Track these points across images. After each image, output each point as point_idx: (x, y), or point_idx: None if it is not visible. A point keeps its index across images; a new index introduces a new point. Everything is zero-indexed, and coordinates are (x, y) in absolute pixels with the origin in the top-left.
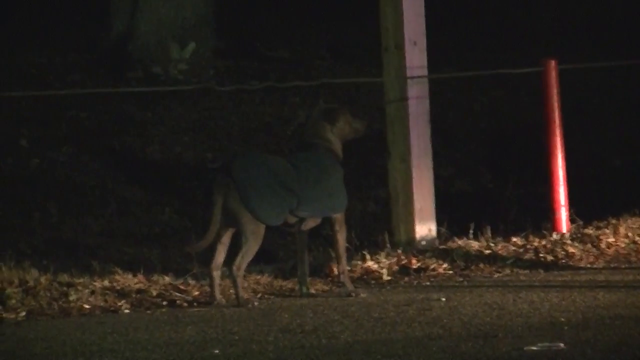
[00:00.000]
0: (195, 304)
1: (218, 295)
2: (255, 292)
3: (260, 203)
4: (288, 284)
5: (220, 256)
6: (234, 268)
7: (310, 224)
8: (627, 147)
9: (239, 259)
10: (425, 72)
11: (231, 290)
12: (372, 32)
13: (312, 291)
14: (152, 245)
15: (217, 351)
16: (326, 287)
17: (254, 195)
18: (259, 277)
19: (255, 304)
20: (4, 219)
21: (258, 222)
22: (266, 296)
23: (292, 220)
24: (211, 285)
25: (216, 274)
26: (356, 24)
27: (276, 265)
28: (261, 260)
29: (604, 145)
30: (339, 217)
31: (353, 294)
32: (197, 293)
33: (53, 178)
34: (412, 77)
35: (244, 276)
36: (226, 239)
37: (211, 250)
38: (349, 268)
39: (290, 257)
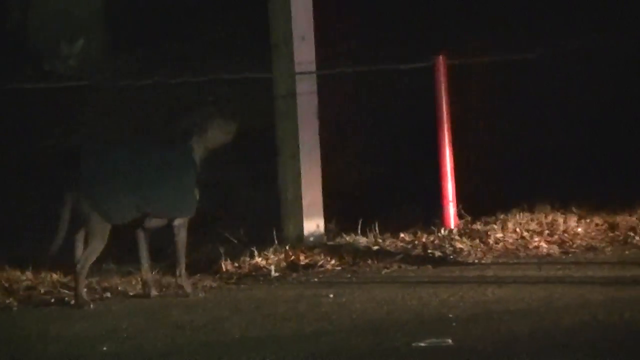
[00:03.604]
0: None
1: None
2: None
3: (109, 205)
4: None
5: (80, 252)
6: (78, 267)
7: (155, 222)
8: (518, 141)
9: (83, 258)
10: (313, 67)
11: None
12: (261, 27)
13: (155, 292)
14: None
15: (105, 348)
16: (214, 284)
17: (103, 196)
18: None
19: (92, 306)
20: None
21: (105, 222)
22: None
23: (137, 215)
24: (76, 283)
25: (79, 269)
26: (245, 19)
27: (167, 262)
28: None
29: (495, 140)
30: (181, 221)
31: (191, 296)
32: (86, 290)
33: None
34: (301, 73)
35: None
36: (82, 233)
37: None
38: (237, 265)
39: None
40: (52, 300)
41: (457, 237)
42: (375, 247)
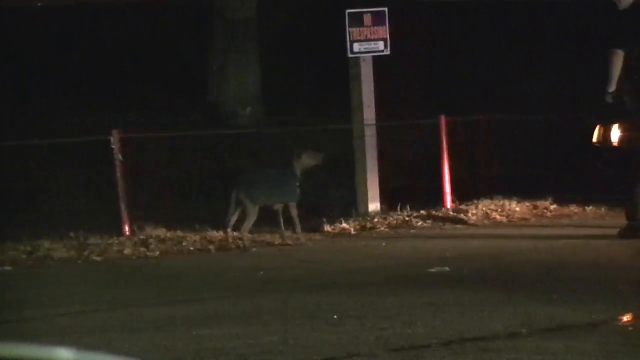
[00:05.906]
0: (253, 249)
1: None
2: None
3: (256, 194)
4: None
5: (231, 222)
6: (242, 230)
7: (277, 205)
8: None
9: (245, 224)
10: (374, 121)
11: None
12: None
13: (289, 242)
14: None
15: (261, 273)
16: (319, 238)
17: (252, 190)
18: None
19: (254, 249)
20: (148, 203)
21: (254, 204)
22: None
23: (268, 201)
24: (242, 237)
25: (230, 231)
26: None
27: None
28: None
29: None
30: (292, 203)
31: (304, 244)
32: (250, 241)
33: (181, 176)
34: (367, 125)
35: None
36: (235, 215)
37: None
38: (332, 227)
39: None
40: (234, 247)
41: (451, 212)
42: (407, 217)
